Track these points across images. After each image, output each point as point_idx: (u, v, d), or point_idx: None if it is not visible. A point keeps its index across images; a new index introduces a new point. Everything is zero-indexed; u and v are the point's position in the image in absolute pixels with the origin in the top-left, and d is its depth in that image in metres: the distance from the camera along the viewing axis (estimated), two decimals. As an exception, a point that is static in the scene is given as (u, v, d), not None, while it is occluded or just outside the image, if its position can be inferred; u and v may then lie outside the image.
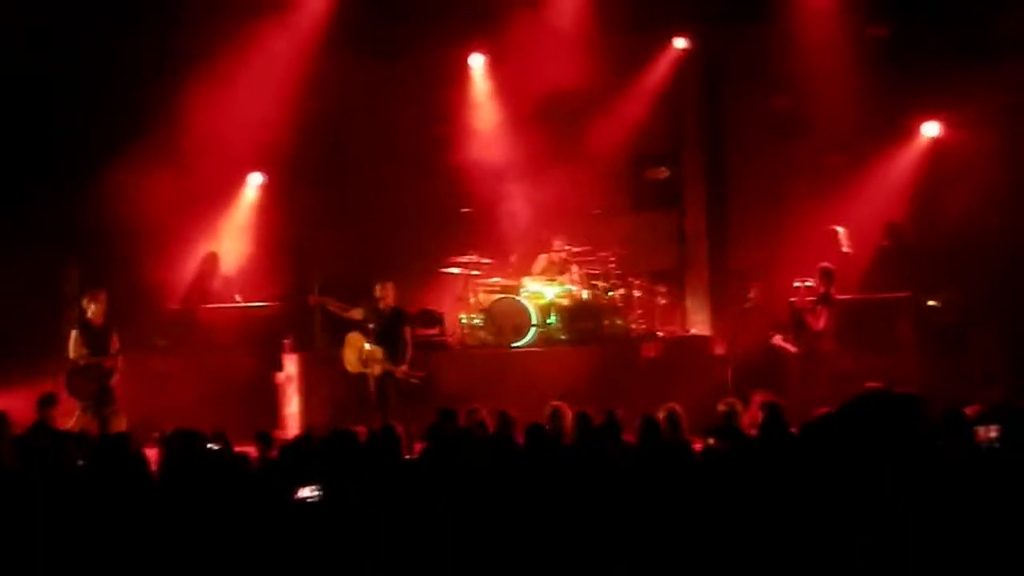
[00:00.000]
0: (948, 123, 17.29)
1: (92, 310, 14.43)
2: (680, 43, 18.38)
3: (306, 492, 7.33)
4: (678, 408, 10.78)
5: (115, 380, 14.30)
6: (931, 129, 17.41)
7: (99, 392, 14.03)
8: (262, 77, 17.08)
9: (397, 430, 9.46)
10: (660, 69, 18.50)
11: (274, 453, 9.91)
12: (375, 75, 18.05)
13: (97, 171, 16.03)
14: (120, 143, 16.16)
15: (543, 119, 17.90)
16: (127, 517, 7.04)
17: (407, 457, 9.47)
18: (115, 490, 7.34)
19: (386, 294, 15.11)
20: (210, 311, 17.07)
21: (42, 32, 16.24)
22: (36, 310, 16.45)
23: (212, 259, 17.65)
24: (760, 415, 10.36)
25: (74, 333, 14.38)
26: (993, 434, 7.61)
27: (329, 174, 18.43)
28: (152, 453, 9.28)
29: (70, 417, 13.67)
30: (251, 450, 10.24)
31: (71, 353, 14.28)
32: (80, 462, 8.45)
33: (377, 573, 6.57)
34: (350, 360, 15.02)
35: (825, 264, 15.90)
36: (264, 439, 10.46)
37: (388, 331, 15.00)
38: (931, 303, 16.56)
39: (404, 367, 14.92)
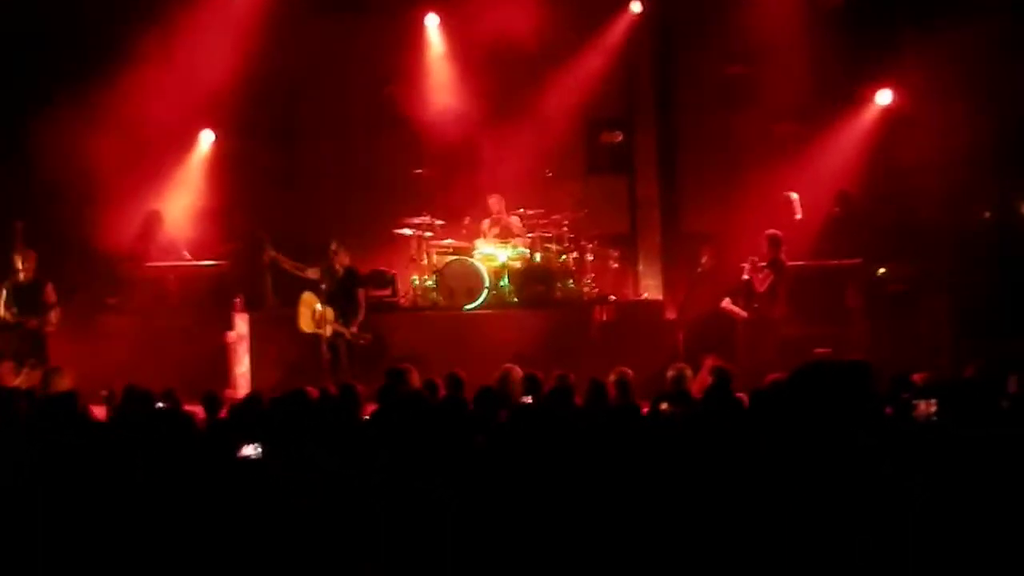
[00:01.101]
0: (900, 92, 17.34)
1: (22, 268, 14.43)
2: (636, 7, 18.33)
3: (249, 451, 7.31)
4: (628, 372, 10.80)
5: (48, 330, 14.28)
6: (883, 97, 17.47)
7: (29, 349, 13.99)
8: (215, 33, 16.88)
9: (356, 390, 9.45)
10: (615, 32, 18.44)
11: (223, 413, 9.86)
12: (329, 33, 17.94)
13: (41, 127, 15.79)
14: (65, 98, 15.92)
15: (497, 81, 17.84)
16: (73, 476, 7.00)
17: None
18: (61, 449, 7.29)
19: (339, 254, 15.06)
20: (157, 269, 16.86)
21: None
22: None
23: (155, 217, 17.27)
24: (710, 380, 10.41)
25: (3, 292, 14.41)
26: (932, 408, 7.65)
27: (282, 132, 18.32)
28: (99, 411, 9.23)
29: (16, 375, 13.58)
30: (200, 410, 10.17)
31: None
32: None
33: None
34: (305, 319, 14.97)
35: (771, 231, 15.90)
36: (212, 400, 10.38)
37: (340, 292, 14.98)
38: (880, 271, 16.64)
39: (353, 328, 14.90)
